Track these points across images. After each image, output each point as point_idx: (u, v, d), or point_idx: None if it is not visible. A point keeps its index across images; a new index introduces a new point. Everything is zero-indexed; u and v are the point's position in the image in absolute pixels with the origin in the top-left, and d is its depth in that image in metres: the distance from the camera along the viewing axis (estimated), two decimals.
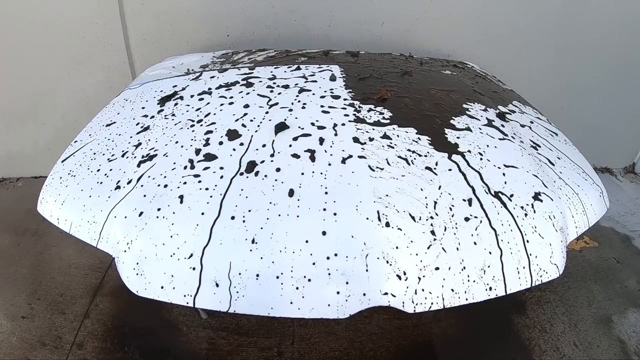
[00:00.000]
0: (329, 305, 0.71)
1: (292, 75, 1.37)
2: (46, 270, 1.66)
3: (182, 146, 0.98)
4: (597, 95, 2.47)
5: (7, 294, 1.56)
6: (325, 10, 2.10)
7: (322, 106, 1.12)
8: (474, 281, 0.75)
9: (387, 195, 0.81)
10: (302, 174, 0.86)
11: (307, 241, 0.75)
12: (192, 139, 1.00)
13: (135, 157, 0.98)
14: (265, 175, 0.86)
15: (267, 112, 1.09)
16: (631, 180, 2.49)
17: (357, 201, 0.80)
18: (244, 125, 1.03)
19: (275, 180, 0.85)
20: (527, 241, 0.81)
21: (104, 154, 1.03)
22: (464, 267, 0.76)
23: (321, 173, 0.86)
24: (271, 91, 1.23)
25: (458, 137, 1.02)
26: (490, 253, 0.77)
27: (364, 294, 0.72)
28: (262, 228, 0.76)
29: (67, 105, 2.12)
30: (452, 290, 0.74)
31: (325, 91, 1.22)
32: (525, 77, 2.32)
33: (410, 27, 2.13)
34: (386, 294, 0.72)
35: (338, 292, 0.71)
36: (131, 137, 1.09)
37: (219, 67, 1.56)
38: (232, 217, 0.78)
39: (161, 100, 1.26)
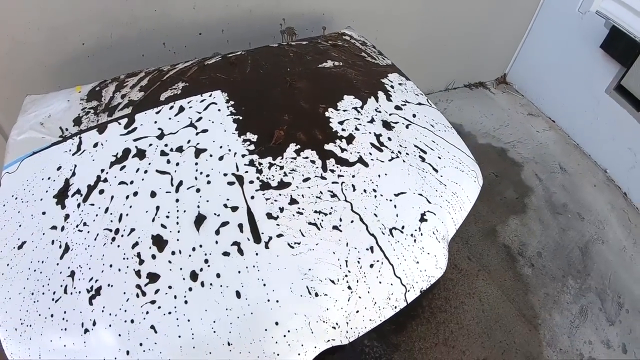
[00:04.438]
0: None
1: (179, 126, 1.43)
2: None
3: (119, 269, 1.14)
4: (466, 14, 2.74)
5: None
6: None
7: (225, 175, 1.28)
8: (384, 307, 1.15)
9: (309, 270, 1.13)
10: (239, 272, 1.12)
11: (266, 329, 1.06)
12: (123, 258, 1.15)
13: (80, 293, 1.11)
14: (211, 284, 1.10)
15: (177, 200, 1.24)
16: (503, 91, 2.98)
17: (289, 284, 1.11)
18: (164, 226, 1.19)
19: (220, 286, 1.10)
20: (418, 262, 1.22)
21: (43, 293, 1.12)
22: (375, 302, 1.14)
23: (254, 266, 1.13)
24: (168, 161, 1.33)
25: (353, 176, 1.30)
26: (391, 284, 1.18)
27: (315, 347, 1.11)
28: (230, 332, 1.04)
29: None
30: (370, 320, 1.13)
31: (221, 147, 1.35)
32: (406, 9, 2.46)
33: None
34: (328, 341, 1.10)
35: (299, 354, 1.08)
36: (57, 264, 1.16)
37: (95, 121, 1.51)
38: (205, 334, 1.04)
39: (57, 197, 1.28)
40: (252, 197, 1.23)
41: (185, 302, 1.08)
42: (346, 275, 1.15)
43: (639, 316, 2.08)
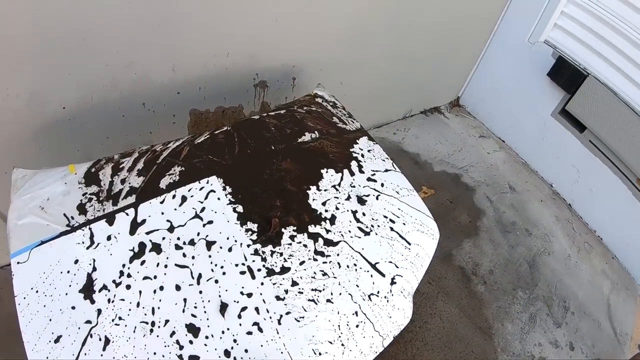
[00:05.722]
0: None
1: (186, 217, 1.84)
2: None
3: (163, 356, 1.56)
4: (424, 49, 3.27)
5: None
6: (166, 56, 2.28)
7: (236, 265, 1.74)
8: (367, 354, 1.67)
9: (313, 336, 1.64)
10: (262, 345, 1.61)
11: None
12: (165, 346, 1.59)
13: None
14: (242, 357, 1.57)
15: (200, 292, 1.68)
16: (456, 115, 3.58)
17: (300, 349, 1.62)
18: (194, 316, 1.65)
19: (249, 358, 1.58)
20: (391, 317, 1.78)
21: None
22: (361, 351, 1.66)
23: (272, 339, 1.62)
24: (184, 255, 1.76)
25: (338, 254, 1.82)
26: (372, 337, 1.73)
27: None
28: None
29: None
30: None
31: (227, 238, 1.81)
32: (367, 55, 2.95)
33: (253, 51, 2.46)
34: None
35: None
36: (101, 354, 1.52)
37: (101, 210, 1.83)
38: None
39: (84, 292, 1.63)
40: (262, 284, 1.72)
41: None
42: (339, 336, 1.69)
43: (584, 316, 2.78)
